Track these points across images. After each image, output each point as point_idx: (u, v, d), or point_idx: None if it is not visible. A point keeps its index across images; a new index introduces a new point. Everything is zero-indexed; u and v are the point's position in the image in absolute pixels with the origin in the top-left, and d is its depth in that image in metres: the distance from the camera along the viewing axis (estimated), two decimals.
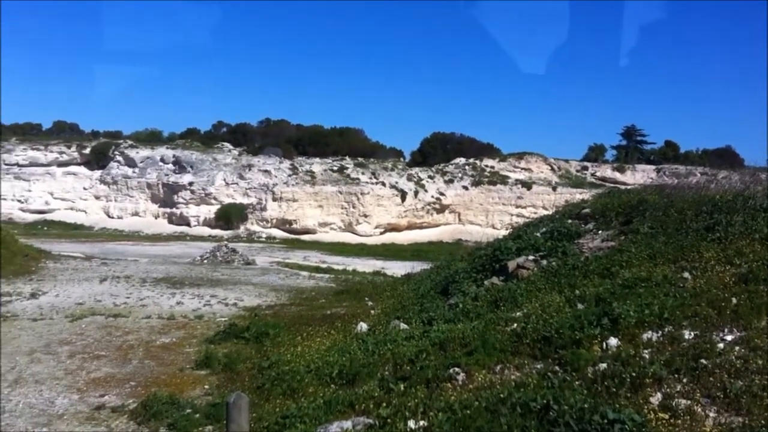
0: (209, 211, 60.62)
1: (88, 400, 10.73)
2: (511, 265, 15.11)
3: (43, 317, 17.34)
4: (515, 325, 10.01)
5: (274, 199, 60.25)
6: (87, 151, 67.08)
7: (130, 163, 65.30)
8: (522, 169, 69.74)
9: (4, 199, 64.02)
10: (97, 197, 65.11)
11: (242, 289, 23.71)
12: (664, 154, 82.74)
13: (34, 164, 65.80)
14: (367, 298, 20.81)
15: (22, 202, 64.34)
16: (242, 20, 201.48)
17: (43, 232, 52.30)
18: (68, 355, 13.50)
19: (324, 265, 34.95)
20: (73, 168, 66.88)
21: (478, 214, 64.38)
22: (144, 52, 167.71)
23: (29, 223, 58.44)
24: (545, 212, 36.18)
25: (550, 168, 70.70)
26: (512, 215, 61.95)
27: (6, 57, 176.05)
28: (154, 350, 14.20)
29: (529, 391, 7.25)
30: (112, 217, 62.98)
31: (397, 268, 32.44)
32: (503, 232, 31.41)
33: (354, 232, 59.76)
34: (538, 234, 17.25)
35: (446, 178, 66.24)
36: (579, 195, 47.17)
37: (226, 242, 41.89)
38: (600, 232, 16.04)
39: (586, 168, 73.25)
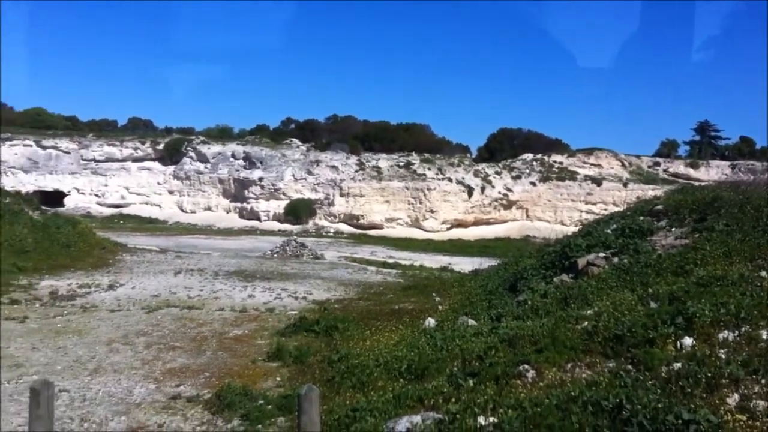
0: (278, 206, 61.51)
1: (165, 389, 11.02)
2: (581, 262, 14.91)
3: (120, 308, 17.91)
4: (586, 323, 9.88)
5: (342, 195, 60.74)
6: (161, 147, 68.82)
7: (202, 158, 66.72)
8: (591, 164, 68.51)
9: (82, 193, 66.30)
10: (171, 192, 66.77)
11: (311, 283, 24.02)
12: (739, 149, 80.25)
13: (110, 159, 67.88)
14: (434, 294, 20.82)
15: (99, 197, 66.49)
16: (311, 18, 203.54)
17: (119, 225, 53.86)
18: (145, 346, 13.90)
19: (391, 261, 35.05)
20: (147, 163, 68.71)
21: (546, 210, 63.59)
22: (216, 50, 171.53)
23: (106, 217, 60.29)
24: (615, 209, 35.49)
25: (620, 164, 69.27)
26: (581, 212, 61.02)
27: (83, 56, 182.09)
28: (227, 342, 14.51)
29: (600, 389, 7.16)
30: (186, 212, 64.50)
31: (464, 264, 32.34)
32: (572, 229, 30.97)
33: (420, 228, 59.75)
34: (609, 231, 16.96)
35: (513, 174, 65.60)
36: (651, 191, 46.27)
37: (295, 237, 42.48)
38: (673, 229, 15.68)
39: (658, 164, 71.53)
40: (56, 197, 64.15)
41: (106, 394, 10.67)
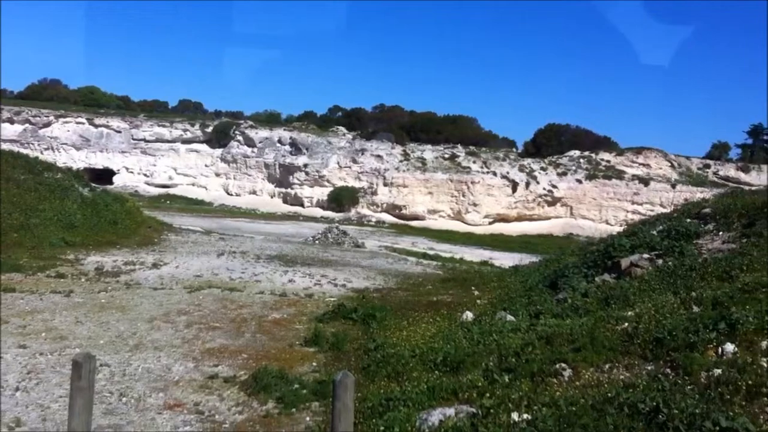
0: (322, 192, 61.88)
1: (203, 368, 11.18)
2: (624, 262, 14.71)
3: (163, 287, 18.20)
4: (626, 324, 9.76)
5: (385, 184, 60.81)
6: (209, 129, 69.69)
7: (250, 143, 67.37)
8: (640, 164, 67.43)
9: (131, 172, 67.52)
10: (218, 174, 67.62)
11: (351, 270, 24.11)
12: None
13: (159, 140, 68.99)
14: (473, 287, 20.73)
15: (148, 176, 67.66)
16: (363, 7, 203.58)
17: (166, 205, 54.67)
18: (185, 325, 14.11)
19: (431, 252, 35.00)
20: (195, 145, 69.66)
21: (591, 208, 62.84)
22: (267, 37, 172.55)
23: (153, 197, 61.27)
24: (662, 210, 34.92)
25: (669, 164, 68.05)
26: (627, 212, 60.20)
27: (138, 37, 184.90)
28: (266, 325, 14.66)
29: (638, 392, 7.08)
30: (231, 194, 65.29)
31: (505, 259, 32.14)
32: (617, 229, 30.59)
33: (462, 221, 59.56)
34: (654, 232, 16.69)
35: (559, 170, 64.92)
36: (699, 194, 45.39)
37: (337, 224, 42.71)
38: (720, 233, 15.36)
39: (708, 166, 70.10)
40: (106, 175, 65.48)
41: (145, 371, 10.86)
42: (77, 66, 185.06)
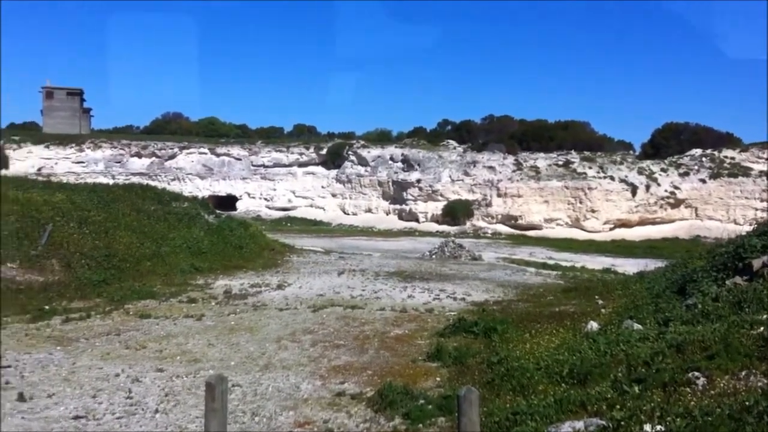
0: (436, 207, 62.01)
1: (330, 386, 11.42)
2: (756, 263, 13.98)
3: (288, 307, 18.76)
4: (761, 328, 9.30)
5: (499, 195, 60.29)
6: (323, 151, 71.32)
7: (363, 162, 68.47)
8: (766, 159, 63.79)
9: (252, 197, 69.98)
10: (334, 195, 69.03)
11: (470, 284, 24.05)
12: None
13: (277, 165, 71.23)
14: (596, 296, 20.23)
15: (268, 200, 69.93)
16: (464, 19, 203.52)
17: (286, 227, 56.21)
18: (311, 343, 14.47)
19: (551, 262, 34.37)
20: (311, 168, 71.44)
21: (717, 208, 59.96)
22: (373, 57, 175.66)
23: (274, 220, 63.20)
24: None
25: None
26: (756, 210, 57.06)
27: (251, 66, 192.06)
28: (388, 341, 14.83)
29: None
30: (347, 214, 66.45)
31: (629, 266, 31.15)
32: (746, 228, 29.08)
33: (581, 228, 58.14)
34: None
35: (681, 170, 62.36)
36: None
37: (453, 238, 42.64)
38: None
39: None
40: (229, 201, 68.16)
41: (275, 390, 11.20)
42: (195, 99, 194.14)
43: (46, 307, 17.42)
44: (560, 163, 63.05)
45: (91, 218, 25.70)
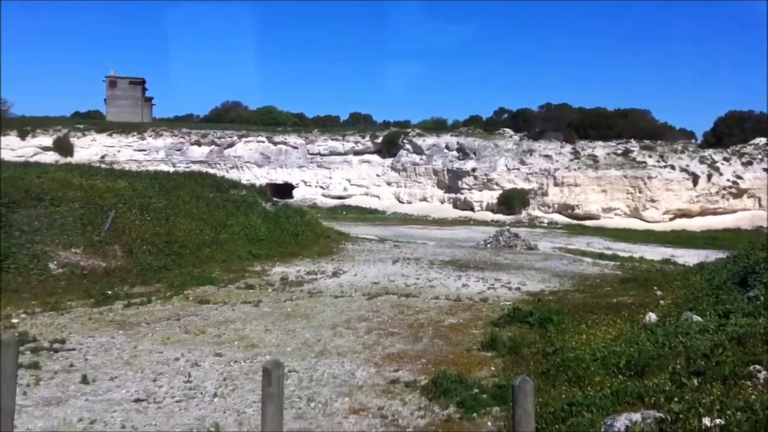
0: (491, 196, 61.54)
1: (384, 373, 11.51)
2: None
3: (343, 294, 18.93)
4: None
5: (556, 184, 59.50)
6: (379, 140, 71.34)
7: (418, 150, 68.31)
8: None
9: (309, 185, 70.58)
10: (389, 183, 69.05)
11: (525, 273, 23.89)
12: None
13: (333, 153, 71.55)
14: (655, 288, 19.89)
15: (324, 189, 70.35)
16: (524, 8, 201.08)
17: (342, 216, 56.39)
18: (366, 331, 14.60)
19: (608, 252, 33.80)
20: (367, 156, 71.56)
21: None
22: (430, 44, 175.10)
23: (330, 208, 63.55)
24: None
25: None
26: None
27: (309, 56, 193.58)
28: (443, 330, 14.86)
29: None
30: (402, 202, 66.43)
31: (689, 257, 30.47)
32: None
33: (640, 218, 56.97)
34: None
35: (744, 159, 60.51)
36: None
37: (508, 227, 42.30)
38: None
39: None
40: (286, 189, 68.80)
41: (330, 376, 11.35)
42: (254, 88, 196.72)
43: (109, 292, 17.93)
44: (619, 151, 61.83)
45: (152, 205, 26.31)
